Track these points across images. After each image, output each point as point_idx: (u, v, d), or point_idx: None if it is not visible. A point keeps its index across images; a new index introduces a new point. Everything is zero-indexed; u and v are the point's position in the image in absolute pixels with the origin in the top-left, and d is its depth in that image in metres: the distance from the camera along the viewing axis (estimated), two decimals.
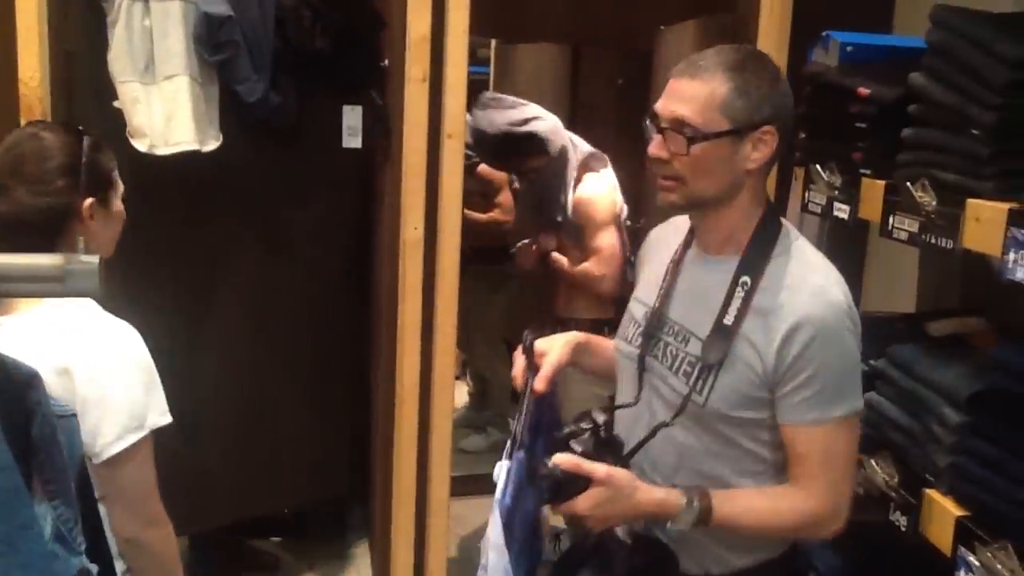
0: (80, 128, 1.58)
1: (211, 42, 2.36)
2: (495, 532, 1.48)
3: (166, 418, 1.51)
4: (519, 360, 1.57)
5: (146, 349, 1.50)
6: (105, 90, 2.33)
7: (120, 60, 2.28)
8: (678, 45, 3.20)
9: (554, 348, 1.56)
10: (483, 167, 3.64)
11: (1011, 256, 1.23)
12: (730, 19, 2.72)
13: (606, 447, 1.38)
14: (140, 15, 2.27)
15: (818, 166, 1.79)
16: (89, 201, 1.49)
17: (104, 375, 1.42)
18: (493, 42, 4.87)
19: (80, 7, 2.34)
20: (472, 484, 3.59)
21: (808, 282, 1.37)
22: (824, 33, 2.09)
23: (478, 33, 3.75)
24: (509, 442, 1.55)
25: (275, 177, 2.66)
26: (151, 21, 2.28)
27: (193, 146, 2.35)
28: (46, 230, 1.45)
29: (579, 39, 4.15)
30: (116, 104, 2.31)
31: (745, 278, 1.38)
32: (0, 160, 1.47)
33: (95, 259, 0.84)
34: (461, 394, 4.42)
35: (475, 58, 5.16)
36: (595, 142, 2.99)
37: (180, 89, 2.32)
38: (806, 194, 1.89)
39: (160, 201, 2.47)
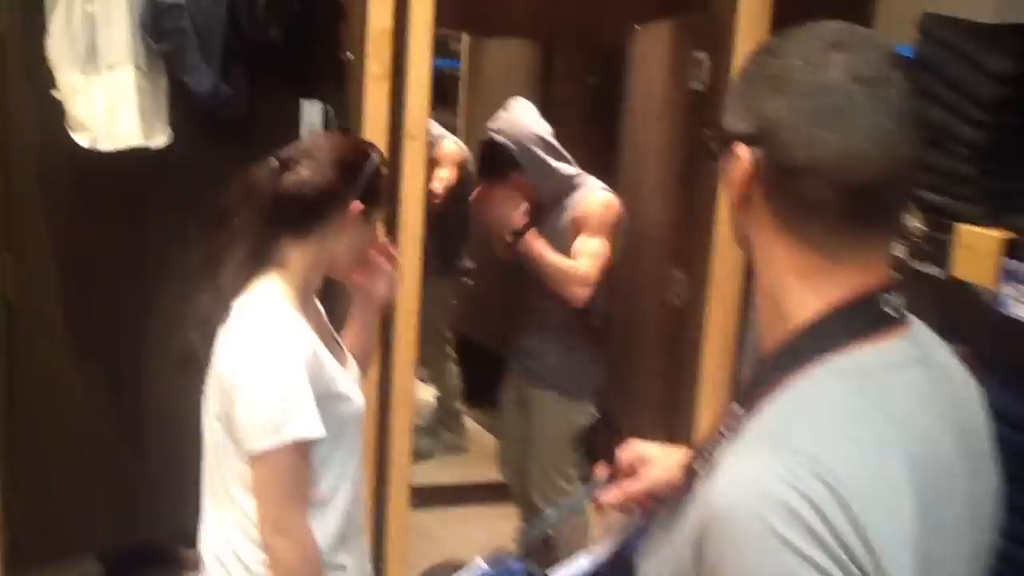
0: (371, 142, 1.74)
1: (157, 29, 2.22)
2: None
3: (313, 431, 1.43)
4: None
5: (298, 356, 1.46)
6: (41, 77, 2.18)
7: (59, 47, 2.13)
8: (653, 45, 3.10)
9: (668, 462, 1.15)
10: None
11: (1006, 289, 1.14)
12: (707, 18, 2.62)
13: None
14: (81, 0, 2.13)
15: None
16: (358, 204, 1.55)
17: (248, 372, 1.44)
18: (464, 36, 4.74)
19: None
20: (432, 495, 3.51)
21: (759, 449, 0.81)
22: None
23: (446, 26, 3.63)
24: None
25: (227, 175, 2.52)
26: (93, 6, 2.14)
27: (139, 141, 2.21)
28: (312, 211, 1.54)
29: (550, 35, 4.05)
30: (54, 93, 2.17)
31: (736, 408, 0.88)
32: (299, 145, 1.64)
33: None
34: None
35: (447, 51, 5.05)
36: (565, 141, 2.88)
37: (125, 80, 2.18)
38: None
39: (102, 198, 2.34)
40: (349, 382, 1.57)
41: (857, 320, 0.84)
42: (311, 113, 2.60)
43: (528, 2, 3.75)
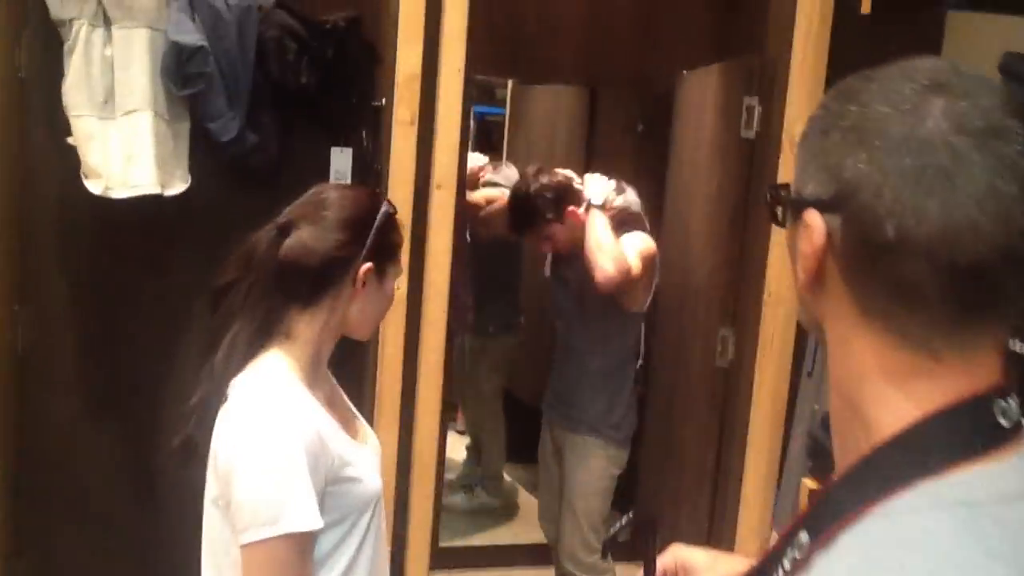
0: (379, 191, 1.58)
1: (180, 74, 2.14)
2: None
3: (309, 524, 1.30)
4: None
5: (298, 441, 1.31)
6: (60, 123, 2.11)
7: (76, 91, 2.06)
8: (701, 89, 2.96)
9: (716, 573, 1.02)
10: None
11: None
12: (758, 62, 2.47)
13: None
14: (100, 43, 2.06)
15: None
16: (367, 266, 1.42)
17: (243, 459, 1.31)
18: (510, 82, 4.66)
19: (35, 30, 2.13)
20: (454, 556, 3.34)
21: None
22: None
23: (490, 73, 3.53)
24: None
25: (250, 225, 2.42)
26: (112, 50, 2.07)
27: (154, 189, 2.11)
28: (318, 280, 1.41)
29: (596, 81, 3.93)
30: (70, 140, 2.09)
31: (803, 536, 0.70)
32: (300, 204, 1.47)
33: None
34: (460, 449, 4.17)
35: (493, 99, 4.97)
36: None
37: (142, 126, 2.10)
38: None
39: (121, 248, 2.25)
40: (364, 462, 1.43)
41: (962, 433, 0.65)
42: (340, 160, 2.50)
43: (574, 48, 3.64)
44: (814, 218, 0.68)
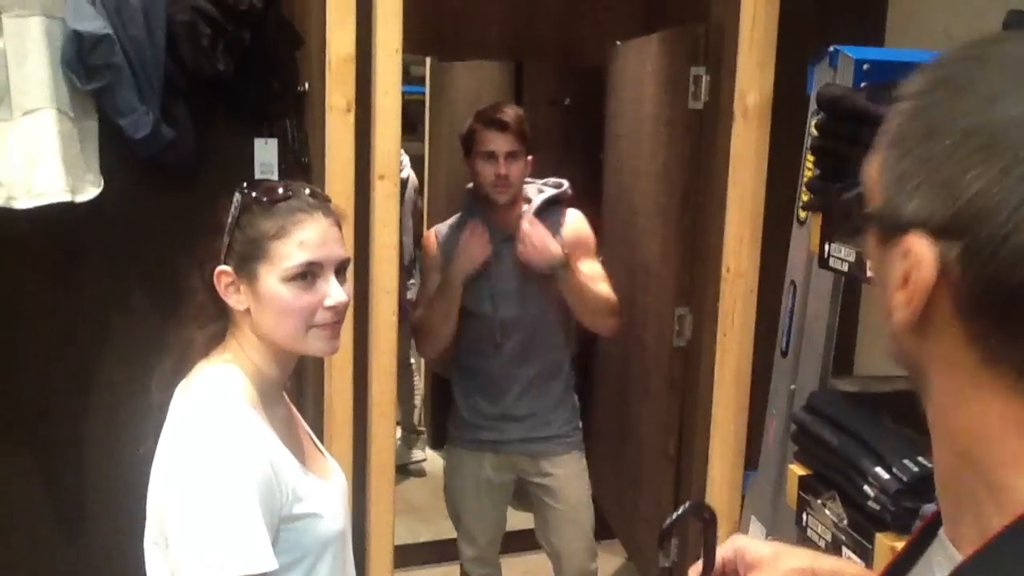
0: (248, 183, 1.30)
1: (83, 66, 1.92)
2: None
3: (261, 566, 1.12)
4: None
5: (248, 475, 1.15)
6: None
7: None
8: (639, 60, 2.85)
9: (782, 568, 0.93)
10: None
11: None
12: (704, 30, 2.37)
13: None
14: None
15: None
16: (218, 270, 1.24)
17: (186, 497, 1.16)
18: (428, 60, 4.48)
19: None
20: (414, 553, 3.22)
21: None
22: (830, 48, 1.75)
23: (411, 51, 3.36)
24: None
25: (171, 227, 2.22)
26: (4, 42, 1.84)
27: (63, 196, 1.90)
28: (215, 299, 1.26)
29: (522, 55, 3.80)
30: None
31: None
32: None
33: None
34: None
35: (408, 77, 4.79)
36: (540, 165, 2.59)
37: (44, 126, 1.88)
38: (826, 247, 1.53)
39: (28, 261, 2.03)
40: (324, 496, 1.27)
41: None
42: (265, 152, 2.31)
43: (499, 23, 3.51)
44: (921, 246, 0.54)
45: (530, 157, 2.38)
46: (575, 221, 2.45)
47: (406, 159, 4.09)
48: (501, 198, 2.32)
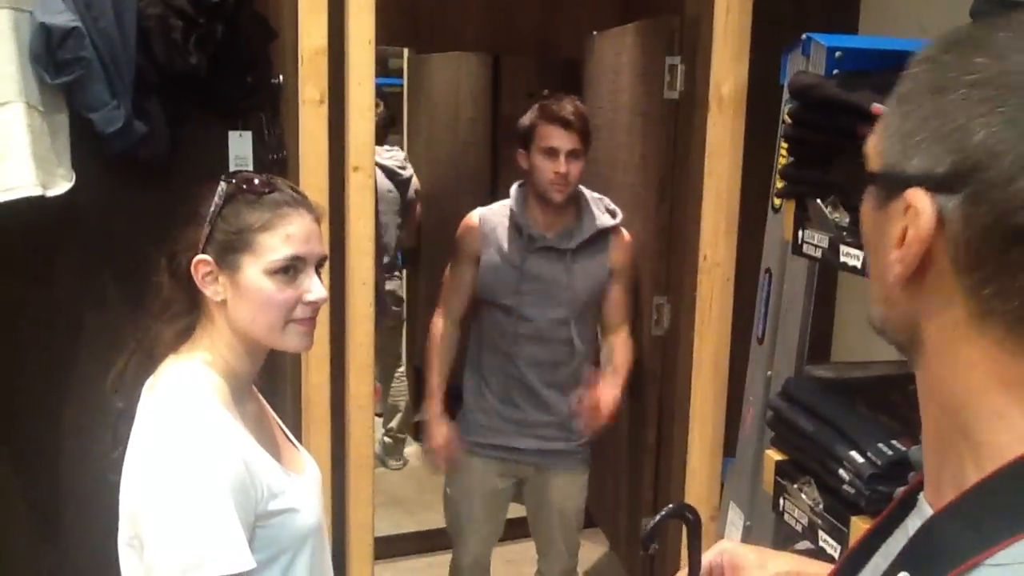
0: (231, 174, 1.28)
1: (53, 60, 1.90)
2: None
3: (238, 565, 1.11)
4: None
5: (222, 473, 1.14)
6: None
7: None
8: (615, 50, 2.85)
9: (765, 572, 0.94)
10: None
11: None
12: (679, 20, 2.37)
13: None
14: None
15: (819, 201, 1.44)
16: (197, 259, 1.22)
17: (159, 497, 1.15)
18: (406, 51, 4.47)
19: None
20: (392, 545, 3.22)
21: None
22: (803, 36, 1.75)
23: (388, 42, 3.34)
24: None
25: (145, 222, 2.19)
26: None
27: (34, 191, 1.88)
28: (185, 291, 1.25)
29: (499, 47, 3.79)
30: None
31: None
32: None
33: None
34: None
35: (386, 69, 4.76)
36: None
37: (13, 120, 1.85)
38: (800, 233, 1.54)
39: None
40: (298, 491, 1.26)
41: None
42: (240, 146, 2.29)
43: (476, 14, 3.50)
44: (921, 199, 0.55)
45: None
46: (625, 249, 2.47)
47: (402, 154, 4.09)
48: (558, 196, 2.32)
